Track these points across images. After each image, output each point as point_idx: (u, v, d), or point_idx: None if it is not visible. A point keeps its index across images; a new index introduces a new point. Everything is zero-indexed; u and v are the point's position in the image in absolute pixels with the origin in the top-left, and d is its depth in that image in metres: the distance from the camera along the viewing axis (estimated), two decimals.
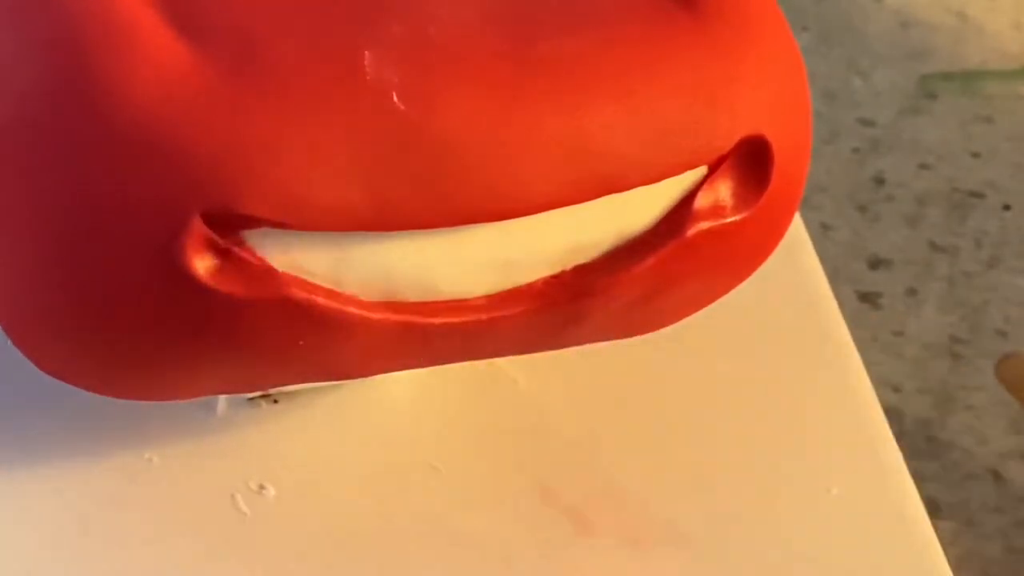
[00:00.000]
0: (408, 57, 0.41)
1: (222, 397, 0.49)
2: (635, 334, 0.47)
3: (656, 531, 0.47)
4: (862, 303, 1.41)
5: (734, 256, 0.45)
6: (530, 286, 0.43)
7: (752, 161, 0.44)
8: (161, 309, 0.40)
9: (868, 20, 1.64)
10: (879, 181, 1.51)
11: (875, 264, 1.44)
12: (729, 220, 0.44)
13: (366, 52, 0.40)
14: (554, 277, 0.43)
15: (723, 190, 0.44)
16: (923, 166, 1.53)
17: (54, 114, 0.39)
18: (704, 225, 0.44)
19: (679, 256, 0.44)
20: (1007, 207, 1.50)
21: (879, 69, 1.59)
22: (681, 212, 0.44)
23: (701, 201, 0.44)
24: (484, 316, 0.42)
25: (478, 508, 0.47)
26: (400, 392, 0.50)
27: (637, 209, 0.44)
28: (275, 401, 0.49)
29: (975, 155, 1.54)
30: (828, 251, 1.43)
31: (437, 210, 0.40)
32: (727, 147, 0.43)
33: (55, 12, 0.40)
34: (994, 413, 1.34)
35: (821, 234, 1.43)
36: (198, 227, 0.39)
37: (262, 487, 0.47)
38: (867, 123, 1.55)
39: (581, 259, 0.43)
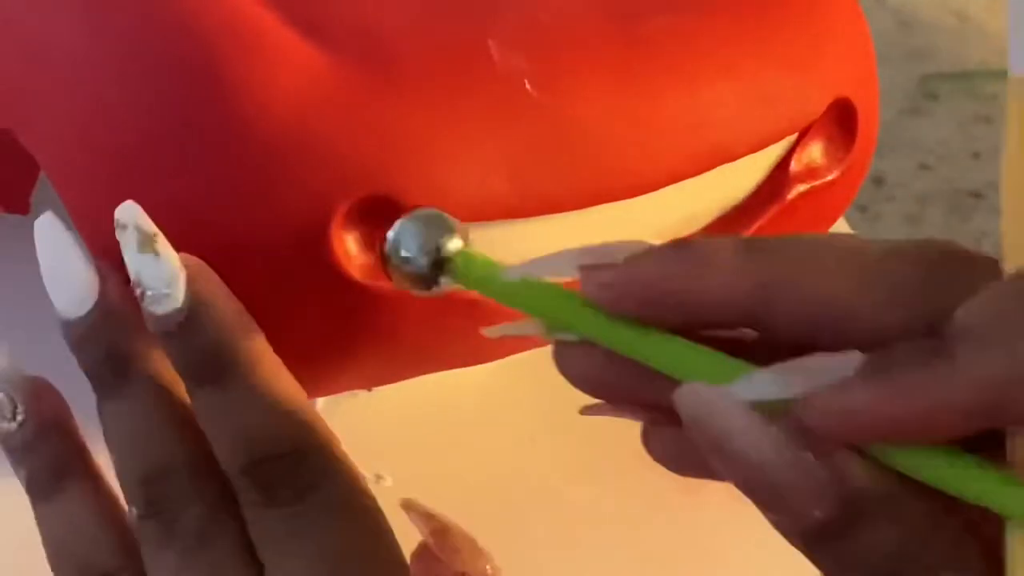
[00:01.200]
0: (529, 44, 0.42)
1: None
2: None
3: None
4: None
5: (825, 212, 0.48)
6: None
7: (839, 123, 0.47)
8: (314, 306, 0.40)
9: (868, 20, 1.64)
10: (879, 181, 1.51)
11: None
12: (821, 181, 0.47)
13: (489, 40, 0.41)
14: None
15: (815, 153, 0.47)
16: (923, 166, 1.53)
17: (199, 127, 0.40)
18: (801, 187, 0.46)
19: (780, 218, 0.46)
20: None
21: (879, 69, 1.59)
22: (780, 176, 0.46)
23: (796, 165, 0.46)
24: None
25: (589, 478, 0.48)
26: (489, 372, 0.51)
27: (743, 176, 0.46)
28: (369, 389, 0.49)
29: (975, 155, 1.54)
30: None
31: (574, 193, 0.42)
32: (819, 112, 0.46)
33: (179, 26, 0.40)
34: None
35: None
36: (349, 224, 0.40)
37: (380, 476, 0.48)
38: None
39: (695, 227, 0.45)
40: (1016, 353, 0.31)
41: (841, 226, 0.61)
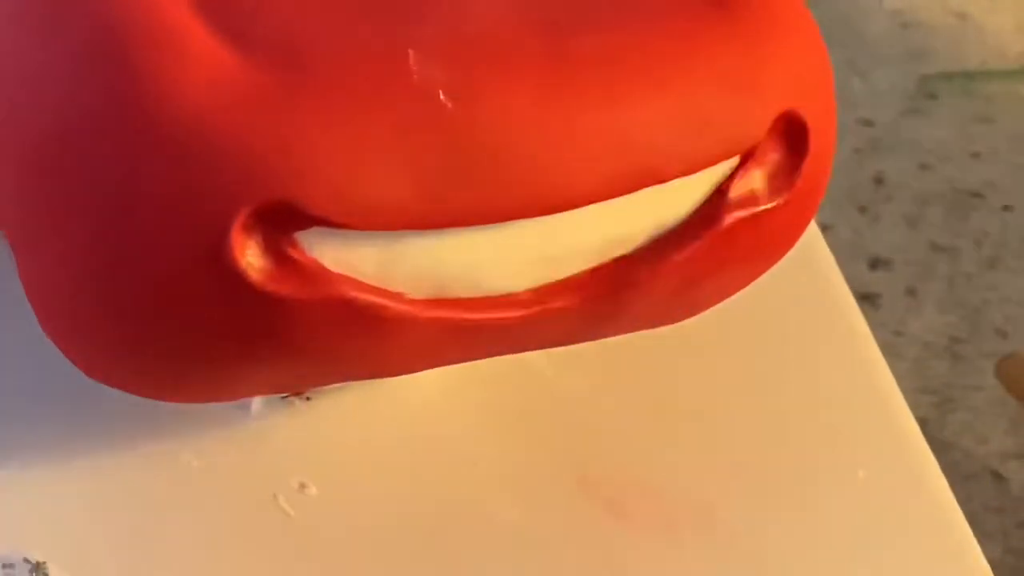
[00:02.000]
0: (450, 55, 0.41)
1: (256, 397, 0.49)
2: (673, 322, 0.48)
3: (691, 517, 0.48)
4: (862, 303, 1.41)
5: (768, 242, 0.46)
6: (573, 279, 0.44)
7: (786, 144, 0.45)
8: (213, 312, 0.40)
9: (868, 20, 1.64)
10: (879, 181, 1.51)
11: (875, 264, 1.44)
12: (762, 208, 0.45)
13: (410, 51, 0.41)
14: (596, 269, 0.44)
15: (757, 178, 0.45)
16: (923, 166, 1.53)
17: (103, 121, 0.39)
18: (739, 213, 0.45)
19: (715, 245, 0.45)
20: (1007, 207, 1.50)
21: (879, 69, 1.59)
22: (716, 202, 0.44)
23: (736, 190, 0.45)
24: (529, 310, 0.43)
25: (516, 500, 0.48)
26: (432, 385, 0.50)
27: (675, 200, 0.44)
28: (308, 398, 0.49)
29: (975, 155, 1.54)
30: None
31: (485, 207, 0.41)
32: (760, 135, 0.44)
33: (98, 21, 0.40)
34: (994, 413, 1.34)
35: (821, 234, 1.43)
36: (248, 228, 0.39)
37: (304, 485, 0.47)
38: (867, 123, 1.55)
39: (622, 250, 0.44)
40: None
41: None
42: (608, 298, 0.44)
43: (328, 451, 0.48)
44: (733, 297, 0.54)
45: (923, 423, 1.33)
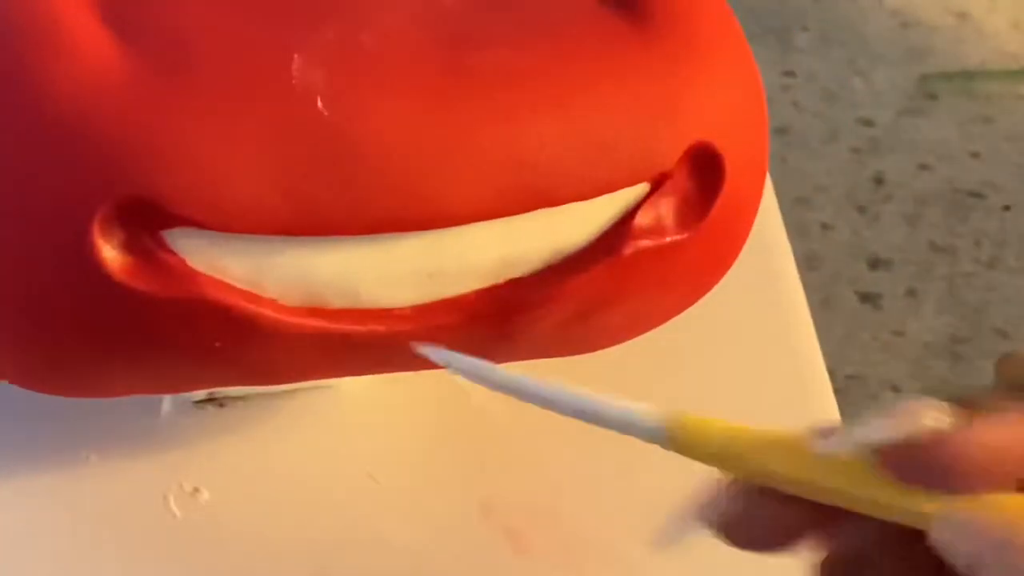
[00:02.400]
0: (337, 63, 0.40)
1: (166, 399, 0.48)
2: (573, 353, 0.46)
3: (593, 553, 0.46)
4: (862, 303, 1.41)
5: (677, 276, 0.44)
6: (460, 298, 0.42)
7: (699, 175, 0.43)
8: (75, 305, 0.40)
9: (868, 20, 1.64)
10: (879, 181, 1.51)
11: (875, 264, 1.44)
12: (670, 239, 0.43)
13: (295, 56, 0.40)
14: (485, 290, 0.42)
15: (665, 208, 0.43)
16: (923, 166, 1.53)
17: None
18: (643, 244, 0.43)
19: (615, 274, 0.43)
20: (1007, 207, 1.50)
21: (879, 69, 1.59)
22: (619, 230, 0.43)
23: (641, 219, 0.43)
24: (410, 326, 0.42)
25: (415, 521, 0.47)
26: (347, 401, 0.49)
27: (574, 224, 0.42)
28: (221, 405, 0.49)
29: (975, 155, 1.54)
30: (828, 251, 1.43)
31: (359, 217, 0.40)
32: (669, 163, 0.42)
33: None
34: None
35: (821, 234, 1.43)
36: (112, 223, 0.39)
37: (196, 490, 0.47)
38: (867, 123, 1.55)
39: (514, 273, 0.42)
40: None
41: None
42: (497, 321, 0.42)
43: (229, 458, 0.48)
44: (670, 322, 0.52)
45: None
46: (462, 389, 0.49)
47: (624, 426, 0.36)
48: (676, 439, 0.35)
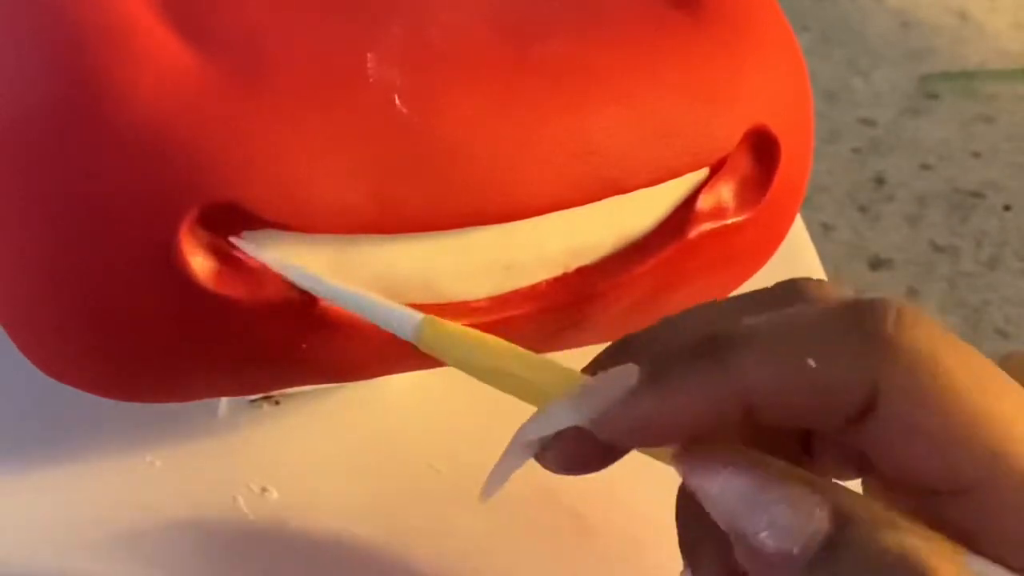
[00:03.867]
0: (410, 59, 0.41)
1: (223, 399, 0.49)
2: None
3: (655, 530, 0.47)
4: None
5: (737, 255, 0.45)
6: (532, 288, 0.43)
7: (756, 157, 0.45)
8: (160, 311, 0.40)
9: (868, 20, 1.64)
10: (879, 181, 1.51)
11: (875, 264, 1.44)
12: (731, 221, 0.45)
13: (368, 54, 0.40)
14: (556, 279, 0.43)
15: (725, 191, 0.44)
16: (923, 166, 1.53)
17: (55, 117, 0.39)
18: (706, 226, 0.44)
19: (681, 258, 0.44)
20: (1007, 207, 1.50)
21: (879, 69, 1.59)
22: (683, 213, 0.44)
23: (703, 202, 0.44)
24: (487, 318, 0.42)
25: (479, 509, 0.47)
26: (400, 393, 0.50)
27: (640, 211, 0.44)
28: (276, 402, 0.49)
29: (975, 155, 1.54)
30: (828, 251, 1.43)
31: (440, 213, 0.40)
32: (730, 147, 0.44)
33: (56, 18, 0.40)
34: None
35: (821, 234, 1.43)
36: (197, 228, 0.39)
37: (264, 489, 0.47)
38: (867, 123, 1.55)
39: (583, 261, 0.43)
40: (775, 360, 0.34)
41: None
42: (568, 309, 0.43)
43: (291, 455, 0.48)
44: None
45: None
46: None
47: (387, 322, 0.39)
48: (424, 338, 0.38)
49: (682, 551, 0.39)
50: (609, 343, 0.38)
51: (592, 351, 0.50)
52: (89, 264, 0.39)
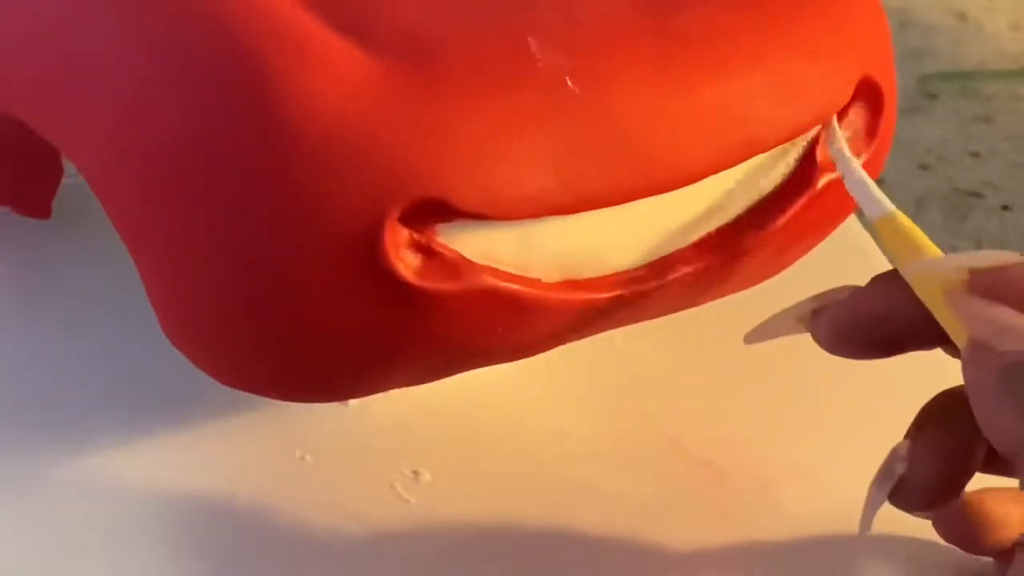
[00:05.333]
0: (568, 40, 0.42)
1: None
2: (767, 278, 0.50)
3: (783, 471, 0.48)
4: None
5: (848, 199, 0.48)
6: (682, 252, 0.45)
7: (866, 106, 0.48)
8: (367, 312, 0.41)
9: None
10: (879, 181, 1.51)
11: None
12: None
13: (529, 39, 0.42)
14: (702, 240, 0.45)
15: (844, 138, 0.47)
16: (922, 166, 1.53)
17: (239, 129, 0.39)
18: (830, 175, 0.47)
19: (811, 206, 0.47)
20: (1006, 207, 1.50)
21: None
22: (809, 165, 0.47)
23: (824, 152, 0.47)
24: (647, 285, 0.44)
25: (614, 468, 0.48)
26: (512, 365, 0.51)
27: (768, 166, 0.46)
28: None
29: (974, 155, 1.54)
30: None
31: (618, 187, 0.42)
32: (845, 99, 0.46)
33: (221, 32, 0.40)
34: None
35: None
36: (399, 227, 0.40)
37: (416, 473, 0.48)
38: None
39: (725, 219, 0.46)
40: None
41: (844, 224, 0.61)
42: (719, 267, 0.45)
43: (430, 436, 0.48)
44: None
45: None
46: (609, 339, 0.52)
47: (865, 201, 0.44)
48: (880, 228, 0.43)
49: (912, 428, 0.42)
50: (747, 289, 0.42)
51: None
52: (290, 276, 0.40)
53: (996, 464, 0.42)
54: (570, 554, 0.45)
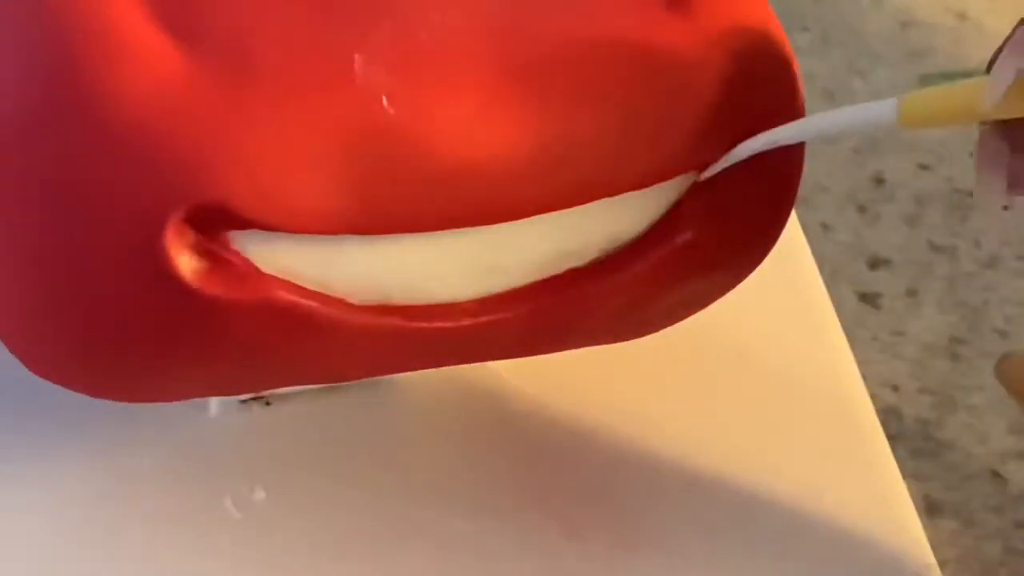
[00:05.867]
0: (398, 61, 0.41)
1: (214, 399, 0.49)
2: (628, 339, 0.47)
3: (645, 536, 0.47)
4: (862, 303, 1.41)
5: (728, 256, 0.45)
6: (521, 290, 0.43)
7: (745, 161, 0.44)
8: (145, 310, 0.40)
9: (868, 20, 1.64)
10: (879, 181, 1.51)
11: (875, 264, 1.44)
12: (720, 224, 0.44)
13: (356, 56, 0.40)
14: (545, 282, 0.43)
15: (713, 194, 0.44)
16: (922, 166, 1.53)
17: (42, 117, 0.39)
18: (696, 230, 0.44)
19: (670, 261, 0.44)
20: (1006, 207, 1.50)
21: (879, 69, 1.59)
22: (672, 217, 0.43)
23: (691, 206, 0.43)
24: (474, 320, 0.42)
25: (468, 512, 0.47)
26: (391, 396, 0.50)
27: (629, 213, 0.43)
28: (267, 403, 0.49)
29: (973, 155, 1.54)
30: (828, 251, 1.43)
31: (425, 214, 0.40)
32: (719, 152, 0.43)
33: (45, 17, 0.40)
34: (994, 413, 1.34)
35: (821, 234, 1.43)
36: (183, 228, 0.39)
37: (252, 490, 0.47)
38: None
39: (573, 263, 0.43)
40: None
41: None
42: (557, 311, 0.43)
43: (280, 457, 0.48)
44: (702, 313, 0.53)
45: (923, 423, 1.33)
46: (503, 379, 0.51)
47: (861, 123, 0.40)
48: (907, 115, 0.39)
49: None
50: (590, 347, 0.38)
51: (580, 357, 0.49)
52: (76, 264, 0.39)
53: None
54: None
